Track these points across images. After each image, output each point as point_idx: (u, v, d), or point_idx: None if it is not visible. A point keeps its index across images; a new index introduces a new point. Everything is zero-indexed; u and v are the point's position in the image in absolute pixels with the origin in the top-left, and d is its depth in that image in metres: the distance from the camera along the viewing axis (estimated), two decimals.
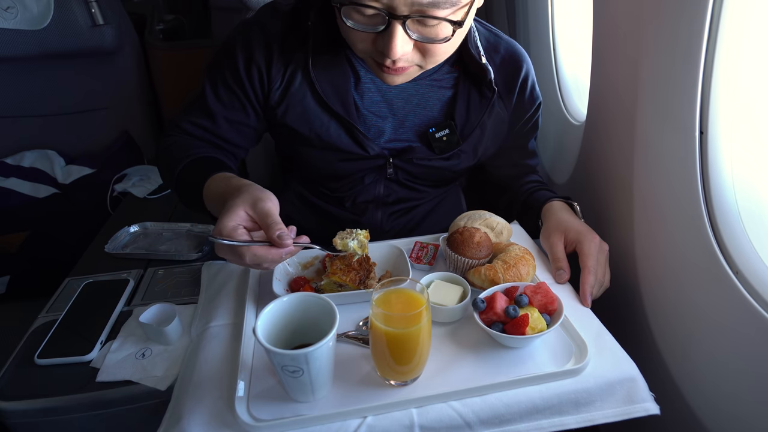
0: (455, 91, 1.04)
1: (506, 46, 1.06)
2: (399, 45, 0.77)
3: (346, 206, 1.12)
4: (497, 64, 1.03)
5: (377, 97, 1.01)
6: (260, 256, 0.71)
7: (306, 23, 0.94)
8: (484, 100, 1.03)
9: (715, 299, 0.76)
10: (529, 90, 1.08)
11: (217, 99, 0.98)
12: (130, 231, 1.24)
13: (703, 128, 0.75)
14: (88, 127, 2.14)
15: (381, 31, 0.77)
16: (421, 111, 1.03)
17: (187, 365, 0.77)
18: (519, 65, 1.06)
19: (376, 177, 1.08)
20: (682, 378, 0.87)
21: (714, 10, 0.70)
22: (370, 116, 1.01)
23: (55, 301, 0.98)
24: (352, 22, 0.78)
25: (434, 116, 1.04)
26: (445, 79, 1.03)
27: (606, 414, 0.69)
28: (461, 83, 1.03)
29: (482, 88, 1.02)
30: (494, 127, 1.08)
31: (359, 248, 0.82)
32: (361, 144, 1.00)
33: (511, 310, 0.74)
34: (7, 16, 1.83)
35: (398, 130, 1.04)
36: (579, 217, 1.00)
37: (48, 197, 1.90)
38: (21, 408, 0.76)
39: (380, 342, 0.66)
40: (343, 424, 0.65)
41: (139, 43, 2.21)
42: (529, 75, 1.07)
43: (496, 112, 1.06)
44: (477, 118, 1.03)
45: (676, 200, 0.83)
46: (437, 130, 1.03)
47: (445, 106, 1.04)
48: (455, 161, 1.07)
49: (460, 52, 1.00)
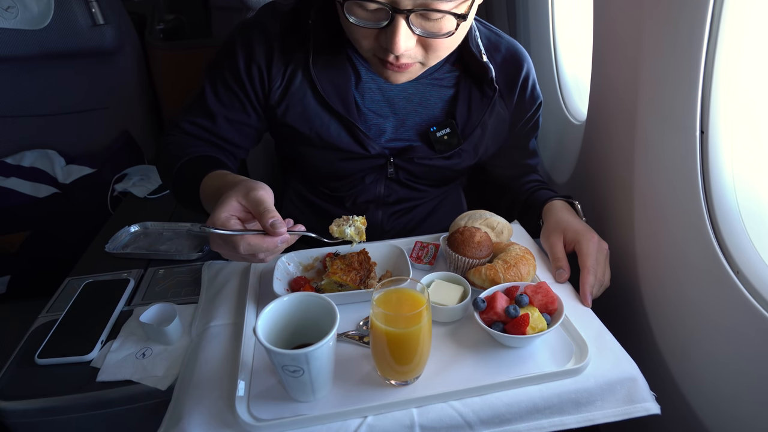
0: (456, 90, 1.03)
1: (507, 46, 1.06)
2: (402, 40, 0.77)
3: (346, 206, 1.12)
4: (498, 63, 1.03)
5: (378, 96, 1.01)
6: (255, 245, 0.68)
7: (306, 22, 0.94)
8: (485, 99, 1.03)
9: (716, 299, 0.76)
10: (530, 89, 1.08)
11: (217, 99, 0.97)
12: (131, 231, 1.24)
13: (703, 128, 0.75)
14: (88, 126, 2.14)
15: (384, 26, 0.78)
16: (421, 110, 1.03)
17: (188, 365, 0.77)
18: (520, 64, 1.06)
19: (376, 177, 1.08)
20: (683, 378, 0.87)
21: (714, 10, 0.69)
22: (370, 115, 1.01)
23: (55, 301, 0.98)
24: (355, 18, 0.78)
25: (435, 115, 1.04)
26: (446, 78, 1.03)
27: (606, 414, 0.69)
28: (462, 82, 1.03)
29: (483, 87, 1.02)
30: (495, 127, 1.08)
31: (356, 235, 0.79)
32: (361, 143, 1.00)
33: (511, 309, 0.74)
34: (8, 15, 1.83)
35: (399, 130, 1.04)
36: (580, 217, 1.00)
37: (48, 197, 1.90)
38: (21, 408, 0.76)
39: (381, 342, 0.66)
40: (343, 424, 0.65)
41: (139, 43, 2.21)
42: (530, 74, 1.08)
43: (497, 111, 1.06)
44: (478, 117, 1.03)
45: (676, 200, 0.83)
46: (438, 130, 1.03)
47: (446, 105, 1.04)
48: (456, 160, 1.07)
49: (461, 50, 1.00)
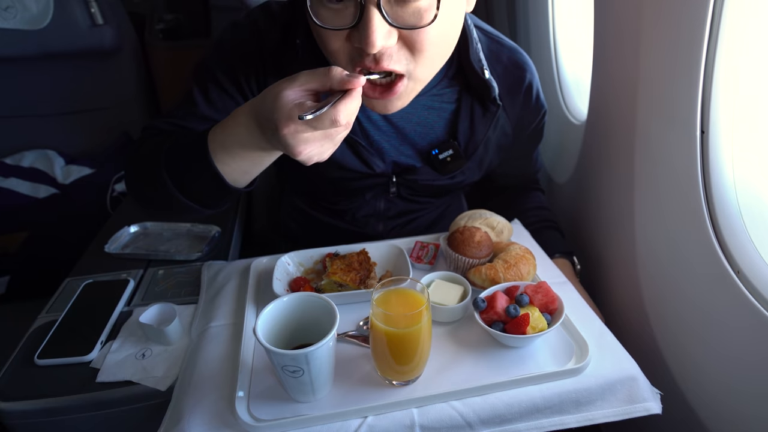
0: (457, 106, 0.97)
1: (509, 54, 0.99)
2: (378, 32, 0.66)
3: (346, 219, 1.10)
4: (500, 73, 0.97)
5: (376, 116, 0.96)
6: (348, 104, 0.61)
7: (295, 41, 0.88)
8: (488, 115, 0.97)
9: (716, 298, 0.76)
10: (534, 99, 1.02)
11: (209, 103, 0.89)
12: (131, 231, 1.24)
13: (704, 127, 0.75)
14: (88, 127, 2.13)
15: (356, 24, 0.67)
16: (421, 129, 0.98)
17: (188, 365, 0.77)
18: (522, 74, 0.99)
19: (377, 192, 1.05)
20: (683, 377, 0.87)
21: (715, 10, 0.69)
22: (372, 132, 0.97)
23: (55, 301, 0.97)
24: (321, 21, 0.69)
25: (437, 135, 0.99)
26: (445, 93, 0.97)
27: (606, 413, 0.69)
28: (463, 98, 0.96)
29: (486, 103, 0.96)
30: (498, 140, 1.03)
31: None
32: (366, 161, 0.96)
33: (511, 309, 0.74)
34: (7, 15, 1.83)
35: (400, 149, 0.99)
36: (576, 276, 1.00)
37: (48, 197, 1.89)
38: (21, 408, 0.76)
39: (381, 342, 0.66)
40: (343, 424, 0.65)
41: (139, 43, 2.21)
42: (533, 83, 1.01)
43: (501, 125, 1.01)
44: (482, 134, 0.98)
45: (677, 200, 0.83)
46: (440, 152, 0.98)
47: (448, 124, 0.99)
48: (460, 178, 1.03)
49: (461, 63, 0.94)
